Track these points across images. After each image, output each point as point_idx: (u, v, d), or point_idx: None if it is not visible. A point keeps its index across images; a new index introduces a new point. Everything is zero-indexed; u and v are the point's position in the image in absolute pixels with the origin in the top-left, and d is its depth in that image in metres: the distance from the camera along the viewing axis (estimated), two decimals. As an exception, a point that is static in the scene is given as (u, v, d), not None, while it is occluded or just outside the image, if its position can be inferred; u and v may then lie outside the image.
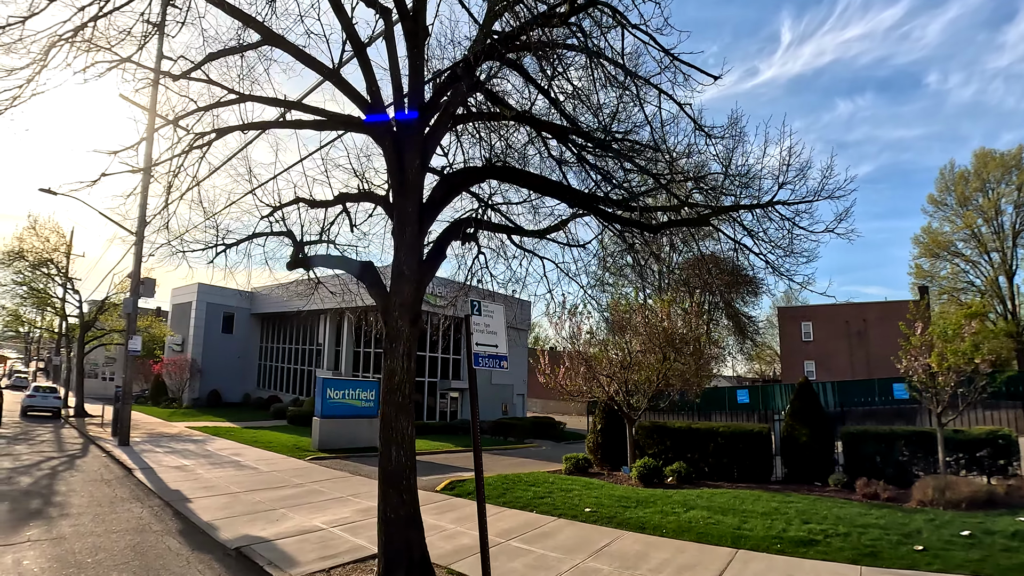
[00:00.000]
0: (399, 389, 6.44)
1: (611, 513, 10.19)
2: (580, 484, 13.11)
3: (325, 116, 7.27)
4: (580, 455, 15.77)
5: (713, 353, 35.41)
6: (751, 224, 7.81)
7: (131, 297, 17.28)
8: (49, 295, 27.25)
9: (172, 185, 7.95)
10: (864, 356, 49.77)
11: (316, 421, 18.14)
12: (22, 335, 69.85)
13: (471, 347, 5.93)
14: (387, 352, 6.58)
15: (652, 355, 14.85)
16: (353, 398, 19.02)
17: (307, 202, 8.28)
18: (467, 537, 8.46)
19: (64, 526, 8.06)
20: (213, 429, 23.38)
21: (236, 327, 40.45)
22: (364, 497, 11.15)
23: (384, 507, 6.19)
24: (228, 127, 7.69)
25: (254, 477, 12.93)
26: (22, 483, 10.86)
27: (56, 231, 26.35)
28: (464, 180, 7.47)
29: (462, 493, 11.82)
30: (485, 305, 6.28)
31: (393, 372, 6.46)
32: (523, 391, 39.90)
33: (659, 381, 15.18)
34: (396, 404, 6.40)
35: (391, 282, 6.78)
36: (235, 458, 15.56)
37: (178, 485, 11.49)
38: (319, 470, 14.35)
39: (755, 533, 8.81)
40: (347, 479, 13.22)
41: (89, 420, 25.32)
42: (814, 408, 14.85)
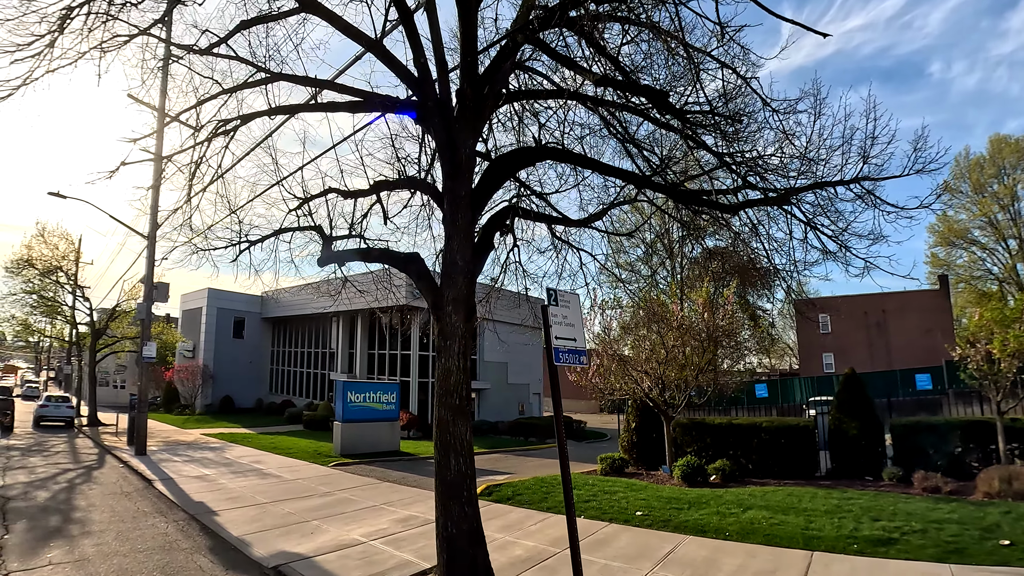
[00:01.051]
0: (455, 391, 5.83)
1: (664, 516, 9.59)
2: (622, 485, 12.50)
3: (361, 96, 6.65)
4: (616, 455, 15.16)
5: (751, 347, 34.79)
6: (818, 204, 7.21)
7: (144, 302, 16.75)
8: (59, 303, 26.81)
9: (195, 176, 7.35)
10: (884, 347, 48.96)
11: (337, 426, 17.56)
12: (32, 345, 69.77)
13: (549, 341, 5.29)
14: (440, 351, 5.97)
15: (691, 349, 14.20)
16: (374, 401, 18.43)
17: (340, 192, 7.68)
18: (519, 548, 7.85)
19: (87, 546, 7.49)
20: (229, 436, 22.86)
21: (247, 332, 39.97)
22: (398, 505, 10.55)
23: (445, 522, 5.57)
24: (254, 112, 7.10)
25: (279, 486, 12.35)
26: (39, 498, 10.30)
27: (65, 238, 25.92)
28: (516, 163, 6.84)
29: (501, 498, 11.20)
30: (561, 294, 5.66)
31: (448, 372, 5.85)
32: (539, 390, 39.26)
33: (698, 376, 14.53)
34: (453, 407, 5.79)
35: (442, 274, 6.18)
36: (257, 466, 15.00)
37: (201, 496, 10.92)
38: (345, 477, 13.76)
39: (826, 533, 8.26)
40: (376, 486, 12.62)
41: (103, 429, 24.85)
42: (862, 400, 14.21)
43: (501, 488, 11.99)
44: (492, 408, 33.31)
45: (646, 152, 7.62)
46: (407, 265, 6.58)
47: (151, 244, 16.89)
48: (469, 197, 6.08)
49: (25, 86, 5.17)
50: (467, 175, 6.00)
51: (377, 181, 7.39)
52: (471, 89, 5.84)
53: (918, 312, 46.78)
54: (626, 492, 11.64)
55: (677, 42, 5.77)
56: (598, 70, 5.41)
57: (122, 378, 48.63)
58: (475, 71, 5.93)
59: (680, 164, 8.28)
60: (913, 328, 47.30)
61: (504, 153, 7.02)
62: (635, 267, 57.62)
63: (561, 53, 5.73)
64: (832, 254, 7.33)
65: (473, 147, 6.06)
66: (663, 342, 15.26)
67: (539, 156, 6.94)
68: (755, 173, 7.13)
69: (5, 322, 26.50)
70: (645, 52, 5.87)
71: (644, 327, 15.42)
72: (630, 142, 7.20)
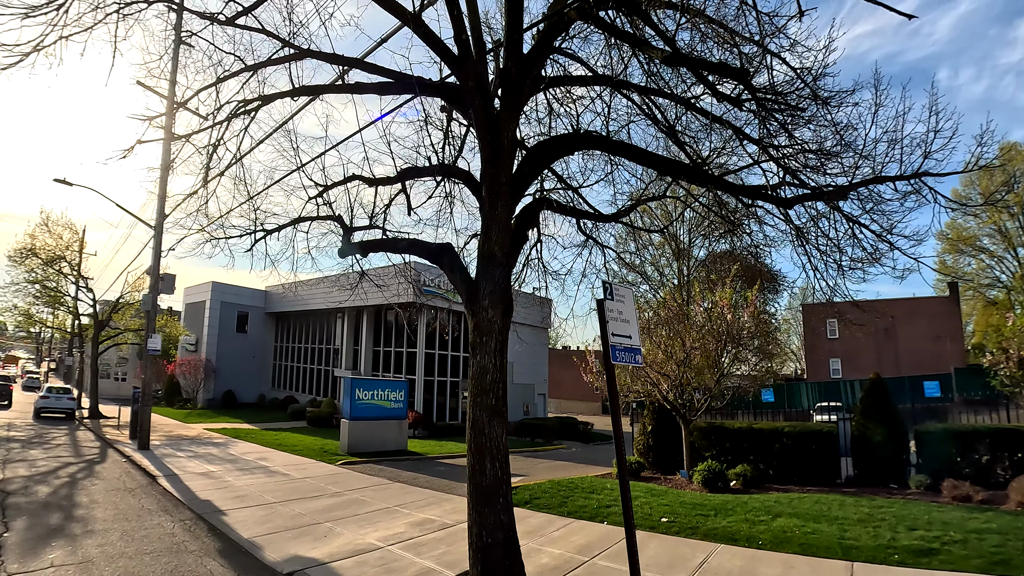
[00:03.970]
0: (491, 391, 5.42)
1: (691, 523, 9.22)
2: (641, 490, 12.13)
3: (392, 77, 6.26)
4: (631, 458, 14.80)
5: (774, 350, 34.38)
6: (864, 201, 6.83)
7: (150, 293, 16.37)
8: (62, 293, 26.43)
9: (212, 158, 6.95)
10: (892, 353, 48.56)
11: (345, 423, 17.17)
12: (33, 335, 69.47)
13: (607, 339, 4.89)
14: (476, 348, 5.57)
15: (714, 349, 13.80)
16: (382, 399, 18.04)
17: (364, 180, 7.28)
18: (545, 556, 7.47)
19: (90, 546, 7.10)
20: (233, 431, 22.48)
21: (250, 326, 39.59)
22: (412, 508, 10.15)
23: (479, 530, 5.18)
24: (276, 93, 6.71)
25: (287, 485, 11.96)
26: (40, 493, 9.92)
27: (69, 227, 25.54)
28: (555, 150, 6.43)
29: (519, 502, 10.79)
30: (616, 288, 5.26)
31: (484, 371, 5.45)
32: (544, 391, 38.84)
33: (719, 379, 14.14)
34: (489, 408, 5.39)
35: (478, 267, 5.78)
36: (262, 463, 14.61)
37: (208, 495, 10.53)
38: (354, 476, 13.37)
39: (863, 543, 7.93)
40: (387, 487, 12.23)
41: (104, 422, 24.48)
42: (887, 405, 13.82)
43: (517, 491, 11.59)
44: (497, 408, 32.89)
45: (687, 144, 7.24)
46: (440, 256, 6.18)
47: (158, 234, 16.51)
48: (509, 184, 5.69)
49: (36, 52, 4.78)
50: (509, 161, 5.61)
51: (405, 168, 6.99)
52: (515, 68, 5.45)
53: (927, 318, 46.37)
54: (647, 497, 11.27)
55: (726, 30, 5.40)
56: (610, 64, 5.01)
57: (123, 371, 48.35)
58: (519, 49, 5.53)
59: (719, 158, 7.90)
60: (922, 334, 46.92)
61: (544, 140, 6.60)
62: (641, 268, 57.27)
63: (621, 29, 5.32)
64: (876, 254, 6.96)
65: (515, 130, 5.68)
66: (683, 342, 14.90)
67: (581, 143, 6.53)
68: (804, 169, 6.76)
69: (7, 311, 26.13)
70: (701, 35, 5.46)
71: (664, 327, 15.03)
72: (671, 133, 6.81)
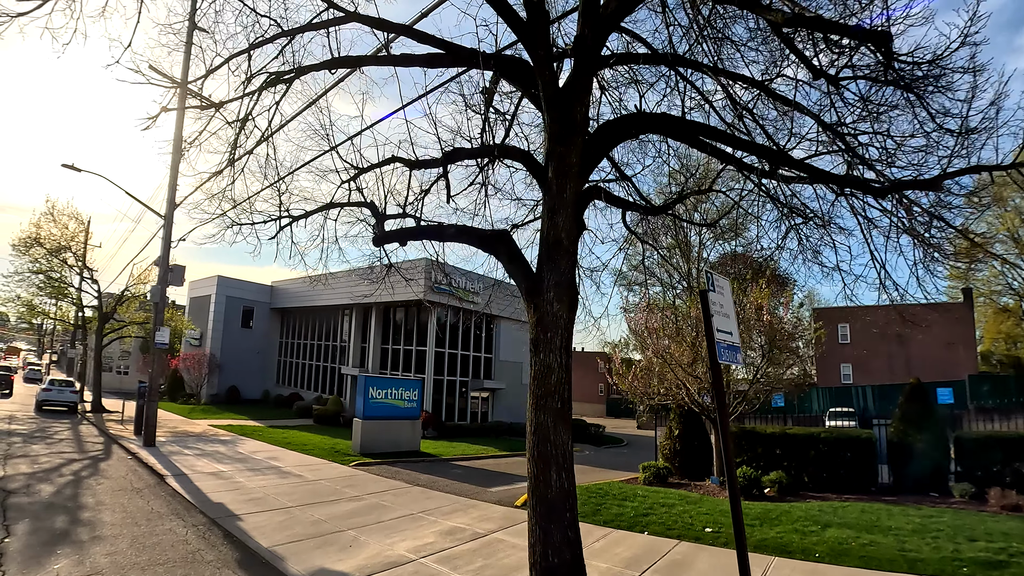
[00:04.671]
0: (557, 392, 4.82)
1: (738, 537, 8.61)
2: (675, 497, 11.55)
3: (443, 48, 5.65)
4: (659, 464, 14.23)
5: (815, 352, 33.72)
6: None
7: (159, 285, 15.78)
8: (66, 284, 25.87)
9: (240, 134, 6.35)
10: (903, 359, 47.92)
11: (357, 423, 16.57)
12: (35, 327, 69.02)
13: (711, 334, 4.28)
14: (538, 345, 4.97)
15: (752, 352, 13.22)
16: (396, 398, 17.44)
17: (405, 162, 6.67)
18: (594, 571, 6.85)
19: (98, 555, 6.50)
20: (239, 428, 21.90)
21: (256, 322, 39.02)
22: (437, 515, 9.54)
23: (544, 550, 4.57)
24: (312, 65, 6.10)
25: (302, 487, 11.36)
26: (43, 493, 9.32)
27: (75, 217, 24.96)
28: (624, 130, 5.80)
29: (548, 511, 10.19)
30: (717, 279, 4.66)
31: (548, 370, 4.84)
32: (552, 392, 38.21)
33: (754, 382, 13.55)
34: (555, 411, 4.78)
35: (542, 255, 5.17)
36: (273, 463, 14.02)
37: (220, 497, 9.93)
38: (370, 479, 12.77)
39: (926, 555, 7.50)
40: (406, 491, 11.62)
41: (107, 416, 23.91)
42: (928, 412, 13.31)
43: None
44: (506, 409, 32.29)
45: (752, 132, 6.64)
46: (495, 244, 5.56)
47: (168, 224, 15.93)
48: (579, 166, 5.08)
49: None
50: (579, 139, 5.01)
51: (452, 149, 6.37)
52: (592, 34, 4.84)
53: (940, 325, 45.69)
54: (684, 505, 10.69)
55: None
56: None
57: (125, 364, 47.76)
58: (596, 11, 4.92)
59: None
60: (934, 341, 46.29)
61: (614, 119, 5.96)
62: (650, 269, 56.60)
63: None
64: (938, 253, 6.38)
65: (588, 105, 5.08)
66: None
67: (654, 124, 5.91)
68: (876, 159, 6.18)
69: (10, 301, 25.56)
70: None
71: (695, 328, 14.44)
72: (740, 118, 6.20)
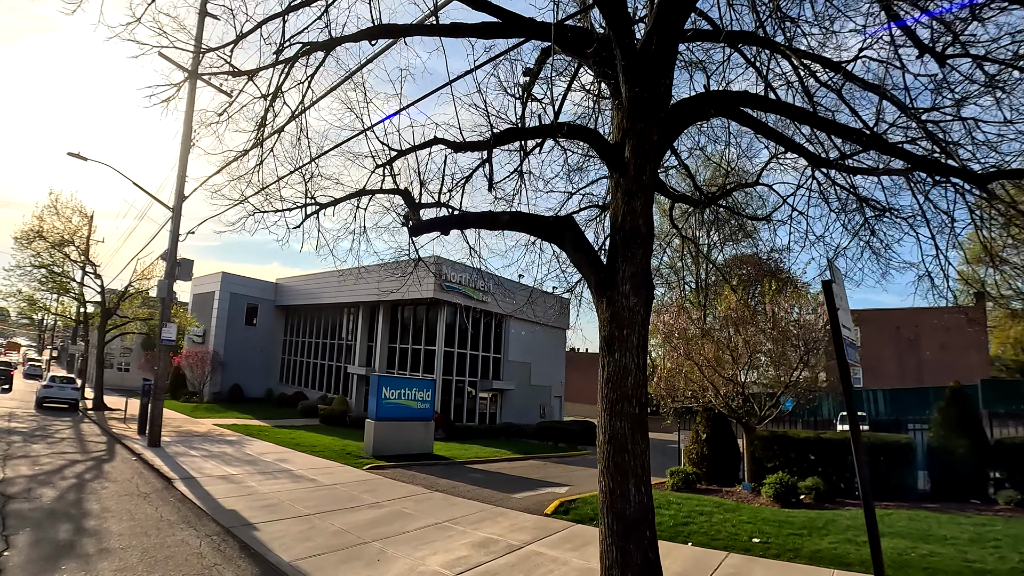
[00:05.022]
0: (634, 396, 4.23)
1: (788, 544, 8.16)
2: (710, 504, 11.00)
3: (500, 17, 5.07)
4: (688, 469, 13.67)
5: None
6: None
7: (166, 280, 15.17)
8: (69, 278, 25.25)
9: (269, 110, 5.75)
10: (915, 363, 47.37)
11: (370, 424, 15.96)
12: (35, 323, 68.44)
13: (838, 330, 3.69)
14: (612, 343, 4.39)
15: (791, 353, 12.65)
16: (409, 399, 16.84)
17: (449, 144, 6.07)
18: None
19: (106, 571, 5.90)
20: (244, 428, 21.31)
21: (259, 319, 38.41)
22: (465, 524, 8.94)
23: (622, 573, 3.97)
24: (351, 34, 5.50)
25: (317, 492, 10.76)
26: (45, 498, 8.72)
27: (79, 211, 24.34)
28: (702, 109, 5.20)
29: (582, 518, 9.60)
30: (837, 271, 4.06)
31: (625, 372, 4.26)
32: (560, 393, 37.60)
33: (788, 385, 12.97)
34: (632, 418, 4.20)
35: (614, 244, 4.59)
36: (284, 466, 13.42)
37: (233, 503, 9.34)
38: (387, 484, 12.17)
39: (992, 566, 7.02)
40: (428, 497, 11.02)
41: (109, 414, 23.32)
42: (970, 417, 12.73)
43: (576, 505, 10.40)
44: (514, 410, 31.70)
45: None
46: (559, 232, 4.98)
47: (176, 216, 15.33)
48: (661, 145, 4.50)
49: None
50: (662, 115, 4.42)
51: (504, 130, 5.78)
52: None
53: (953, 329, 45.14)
54: (723, 513, 10.13)
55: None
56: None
57: (126, 360, 47.22)
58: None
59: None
60: (946, 345, 45.74)
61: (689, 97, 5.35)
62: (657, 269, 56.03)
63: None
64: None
65: (671, 78, 4.50)
66: (746, 344, 13.77)
67: (732, 103, 5.30)
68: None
69: (11, 296, 24.92)
70: None
71: (727, 328, 13.89)
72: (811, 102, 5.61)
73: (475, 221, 5.87)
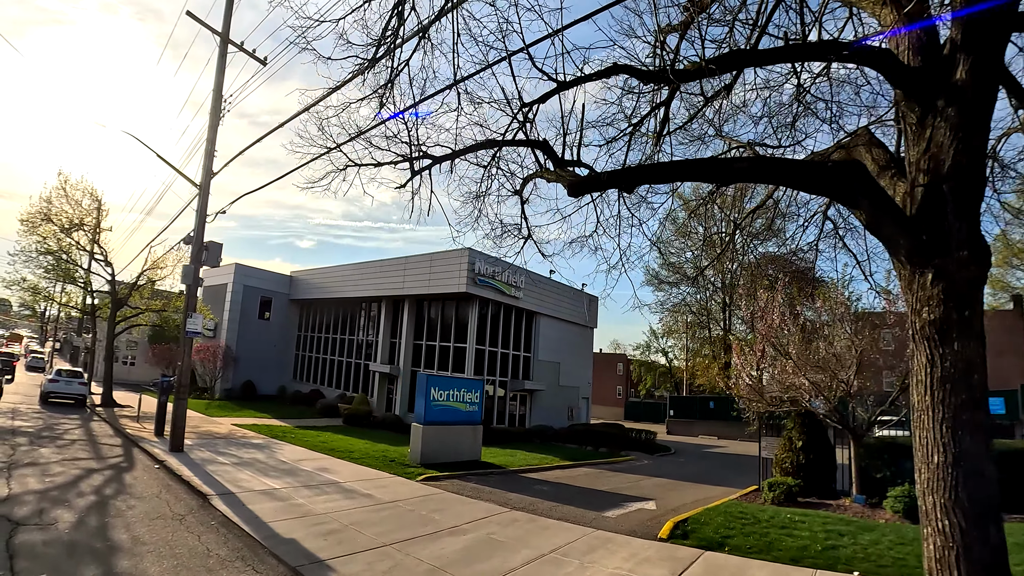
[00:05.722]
0: (981, 400, 2.83)
1: None
2: (839, 522, 9.54)
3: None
4: (789, 480, 12.06)
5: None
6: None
7: (191, 265, 13.49)
8: (76, 266, 23.56)
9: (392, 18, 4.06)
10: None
11: (418, 429, 14.26)
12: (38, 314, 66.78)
13: None
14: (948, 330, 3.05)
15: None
16: (457, 400, 15.15)
17: (636, 74, 4.40)
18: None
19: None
20: (267, 429, 19.63)
21: (273, 313, 36.72)
22: (576, 555, 7.25)
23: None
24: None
25: (380, 512, 9.08)
26: (61, 524, 7.03)
27: (89, 193, 22.62)
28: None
29: (708, 543, 7.95)
30: None
31: (969, 367, 3.02)
32: (588, 395, 35.88)
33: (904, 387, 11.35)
34: (981, 430, 2.70)
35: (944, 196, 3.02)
36: (328, 476, 11.74)
37: (288, 528, 7.66)
38: (453, 500, 10.48)
39: None
40: (511, 518, 9.30)
41: (120, 411, 21.65)
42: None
43: (693, 527, 8.72)
44: (544, 412, 30.01)
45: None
46: (849, 182, 3.39)
47: (204, 193, 13.65)
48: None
49: None
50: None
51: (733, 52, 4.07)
52: None
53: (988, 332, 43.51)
54: (866, 534, 8.70)
55: None
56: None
57: (132, 354, 45.53)
58: None
59: None
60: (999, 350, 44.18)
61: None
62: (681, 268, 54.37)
63: None
64: None
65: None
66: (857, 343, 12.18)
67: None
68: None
69: (14, 284, 23.21)
70: None
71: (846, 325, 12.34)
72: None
73: (682, 171, 4.17)
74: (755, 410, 14.43)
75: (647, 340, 72.36)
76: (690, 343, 56.15)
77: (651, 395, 71.43)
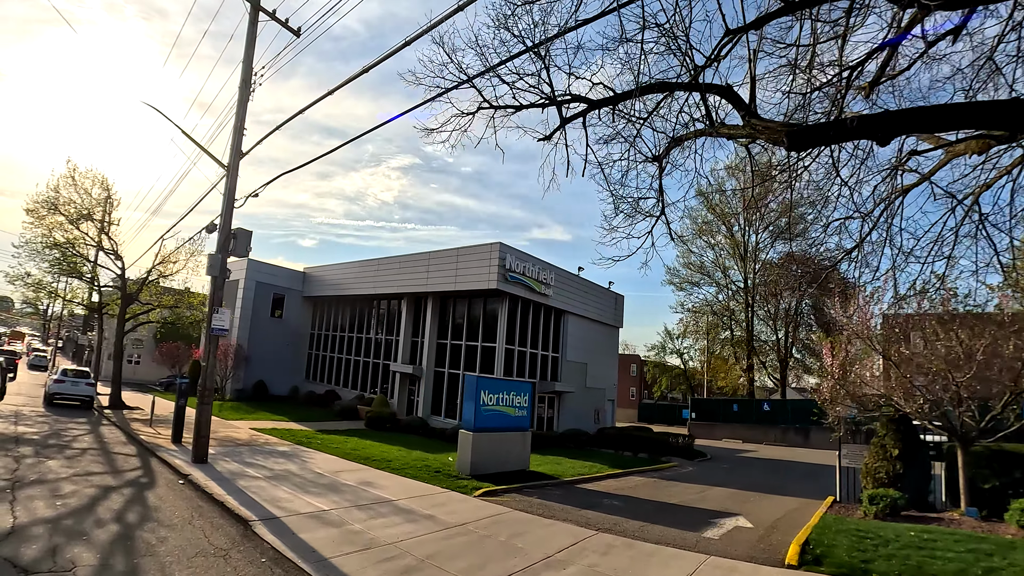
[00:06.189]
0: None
1: None
2: (971, 539, 8.15)
3: None
4: (891, 492, 10.74)
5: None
6: None
7: (218, 254, 12.09)
8: (83, 259, 22.19)
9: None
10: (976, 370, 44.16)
11: (467, 436, 12.87)
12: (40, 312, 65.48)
13: None
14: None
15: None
16: (507, 404, 13.77)
17: None
18: None
19: None
20: (287, 433, 18.25)
21: (286, 311, 35.35)
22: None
23: None
24: None
25: (453, 540, 7.70)
26: (81, 571, 5.65)
27: (99, 182, 21.23)
28: None
29: (848, 568, 6.63)
30: None
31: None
32: (613, 396, 34.46)
33: None
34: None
35: None
36: (375, 492, 10.36)
37: (360, 569, 6.28)
38: (527, 521, 9.09)
39: None
40: (605, 544, 7.90)
41: (129, 414, 20.29)
42: None
43: (819, 550, 7.34)
44: (572, 415, 28.61)
45: None
46: None
47: (232, 175, 12.28)
48: None
49: None
50: None
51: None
52: None
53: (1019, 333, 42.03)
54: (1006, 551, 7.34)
55: None
56: None
57: (139, 353, 44.23)
58: None
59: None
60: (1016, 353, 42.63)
61: None
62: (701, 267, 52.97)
63: None
64: None
65: None
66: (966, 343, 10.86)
67: None
68: None
69: (18, 279, 21.83)
70: None
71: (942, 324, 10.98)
72: None
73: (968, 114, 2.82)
74: (837, 415, 13.11)
75: (661, 340, 71.00)
76: (711, 345, 54.89)
77: (664, 397, 70.08)
